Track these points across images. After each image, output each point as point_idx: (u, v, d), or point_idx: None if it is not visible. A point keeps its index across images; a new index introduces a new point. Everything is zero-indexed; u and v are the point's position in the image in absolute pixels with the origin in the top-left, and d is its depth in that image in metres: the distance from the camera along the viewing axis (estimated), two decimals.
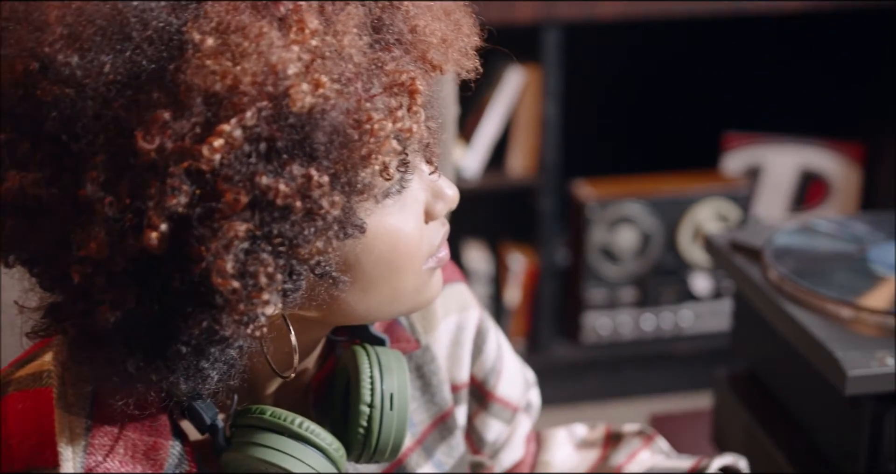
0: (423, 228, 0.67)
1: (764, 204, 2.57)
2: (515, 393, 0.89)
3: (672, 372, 2.49)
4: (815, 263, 1.02)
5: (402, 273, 0.66)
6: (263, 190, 0.55)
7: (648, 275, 2.40)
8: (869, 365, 0.86)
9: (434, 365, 0.81)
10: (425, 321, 0.81)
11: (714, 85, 2.59)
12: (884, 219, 1.14)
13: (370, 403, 0.70)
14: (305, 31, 0.56)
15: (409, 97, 0.61)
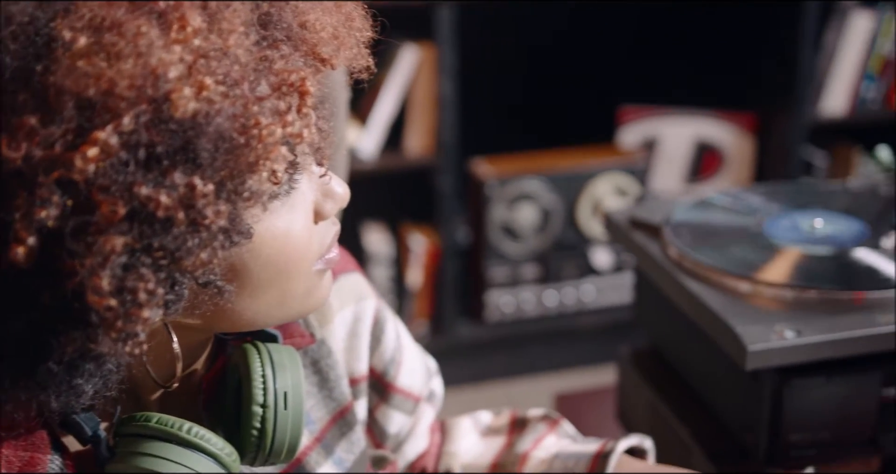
0: (313, 229, 0.64)
1: (660, 176, 2.60)
2: (417, 383, 0.86)
3: (576, 347, 2.50)
4: (713, 238, 1.02)
5: (291, 276, 0.63)
6: (143, 201, 0.52)
7: (549, 251, 2.40)
8: (768, 339, 0.86)
9: (331, 360, 0.78)
10: (320, 314, 0.78)
11: (608, 59, 2.59)
12: (778, 191, 1.14)
13: (263, 403, 0.67)
14: (187, 29, 0.52)
15: (298, 98, 0.57)
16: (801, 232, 1.02)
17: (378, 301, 0.84)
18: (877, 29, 2.44)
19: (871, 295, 0.90)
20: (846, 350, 0.87)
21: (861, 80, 2.48)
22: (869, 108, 2.50)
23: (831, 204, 1.09)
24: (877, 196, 1.13)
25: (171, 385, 0.64)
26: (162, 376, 0.65)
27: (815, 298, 0.91)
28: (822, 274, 0.94)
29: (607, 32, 2.58)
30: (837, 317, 0.88)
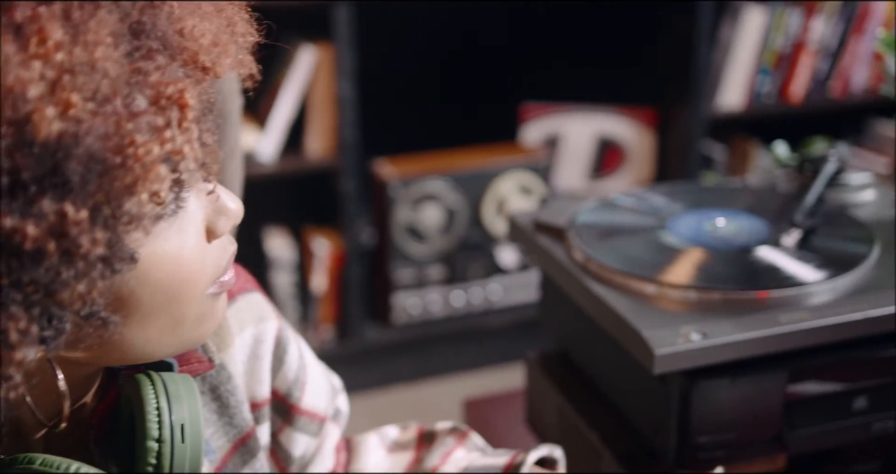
0: (206, 249, 0.60)
1: (564, 173, 2.61)
2: (322, 403, 0.83)
3: (485, 346, 2.49)
4: (618, 239, 1.01)
5: (183, 302, 0.59)
6: (8, 233, 0.47)
7: (455, 252, 2.38)
8: (675, 343, 0.85)
9: (231, 385, 0.74)
10: (218, 338, 0.74)
11: (509, 57, 2.59)
12: (680, 190, 1.14)
13: (158, 438, 0.63)
14: (48, 42, 0.48)
15: (178, 112, 0.53)
16: (704, 232, 1.01)
17: (279, 321, 0.80)
18: (769, 24, 2.48)
19: (774, 294, 0.90)
20: (752, 350, 0.87)
21: (756, 75, 2.52)
22: (764, 101, 2.55)
23: (732, 202, 1.09)
24: (776, 193, 1.13)
25: (59, 426, 0.60)
26: (48, 414, 0.60)
27: (719, 299, 0.91)
28: (725, 274, 0.94)
29: (507, 30, 2.57)
30: (742, 317, 0.88)
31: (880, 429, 0.95)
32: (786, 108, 2.56)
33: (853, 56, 2.58)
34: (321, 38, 2.20)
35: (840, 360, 0.92)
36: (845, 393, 0.93)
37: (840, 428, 0.94)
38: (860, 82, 2.62)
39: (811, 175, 1.15)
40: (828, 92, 2.59)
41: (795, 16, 2.50)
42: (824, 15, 2.51)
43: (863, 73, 2.61)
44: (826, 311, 0.89)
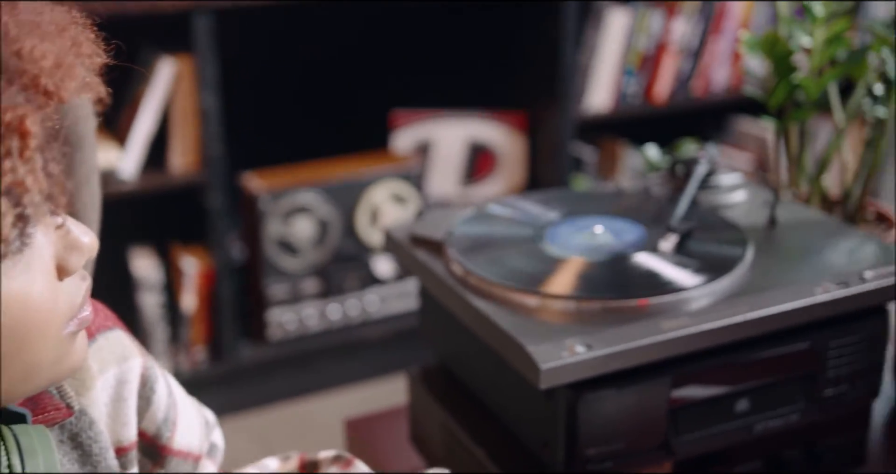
0: (58, 287, 0.55)
1: (436, 180, 2.59)
2: (195, 440, 0.78)
3: (365, 359, 2.45)
4: (497, 251, 0.99)
5: (36, 345, 0.54)
6: None
7: (330, 264, 2.34)
8: (560, 356, 0.83)
9: (93, 431, 0.69)
10: (77, 381, 0.68)
11: (376, 64, 2.56)
12: (556, 197, 1.13)
13: None
14: None
15: (19, 140, 0.49)
16: (582, 239, 1.00)
17: (144, 358, 0.75)
18: (633, 25, 2.52)
19: (654, 300, 0.90)
20: (636, 359, 0.86)
21: (622, 76, 2.55)
22: (631, 102, 2.59)
23: (609, 208, 1.09)
24: (650, 197, 1.13)
25: None
26: None
27: (601, 309, 0.89)
28: (605, 282, 0.93)
29: (373, 37, 2.54)
30: (624, 326, 0.87)
31: (762, 429, 0.96)
32: (651, 107, 2.60)
33: (713, 55, 2.64)
34: (181, 50, 2.12)
35: (721, 364, 0.92)
36: (728, 396, 0.94)
37: (724, 431, 0.94)
38: (721, 81, 2.68)
39: (683, 177, 1.16)
40: (691, 91, 2.65)
41: (657, 17, 2.54)
42: (684, 16, 2.56)
43: (723, 72, 2.67)
44: (706, 316, 0.89)
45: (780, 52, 1.16)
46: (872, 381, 1.01)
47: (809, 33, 1.20)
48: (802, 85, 1.19)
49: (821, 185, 1.26)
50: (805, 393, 0.97)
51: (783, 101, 1.19)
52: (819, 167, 1.26)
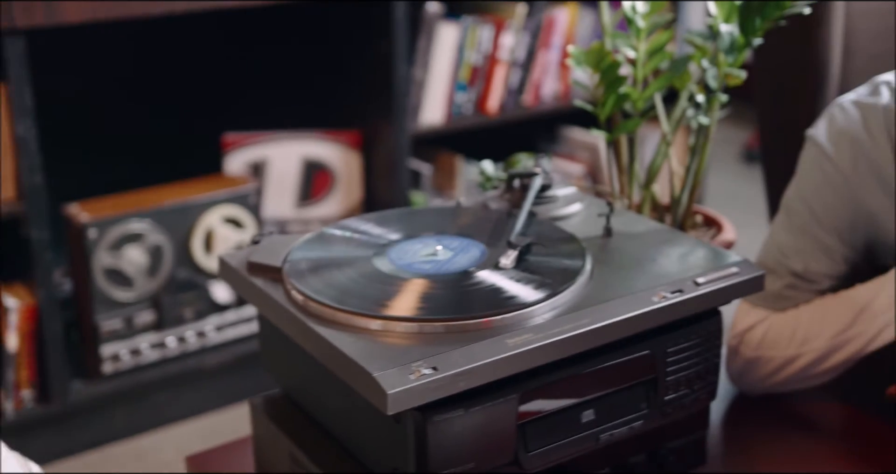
0: None
1: (273, 201, 2.54)
2: None
3: (206, 389, 2.38)
4: (336, 276, 0.96)
5: None
6: None
7: (165, 292, 2.26)
8: (407, 380, 0.81)
9: None
10: None
11: (206, 87, 2.49)
12: (394, 217, 1.11)
13: None
14: None
15: None
16: (423, 259, 0.99)
17: None
18: (462, 39, 2.54)
19: (498, 318, 0.89)
20: (483, 378, 0.85)
21: (454, 90, 2.57)
22: (464, 115, 2.61)
23: (448, 226, 1.08)
24: (488, 212, 1.13)
25: None
26: None
27: (445, 329, 0.88)
28: (448, 302, 0.92)
29: (201, 59, 2.48)
30: (470, 345, 0.86)
31: (608, 438, 0.97)
32: (484, 120, 2.63)
33: (543, 68, 2.69)
34: None
35: (566, 376, 0.92)
36: (574, 408, 0.94)
37: (572, 442, 0.95)
38: (551, 92, 2.74)
39: (520, 192, 1.16)
40: (522, 103, 2.69)
41: (486, 31, 2.57)
42: (513, 30, 2.60)
43: (553, 83, 2.73)
44: (549, 330, 0.89)
45: (607, 64, 1.18)
46: (710, 383, 1.04)
47: (633, 46, 1.23)
48: (629, 96, 1.21)
49: (651, 193, 1.29)
50: (648, 400, 0.99)
51: (611, 112, 1.21)
52: (649, 175, 1.29)
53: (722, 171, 3.79)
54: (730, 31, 1.18)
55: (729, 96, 1.22)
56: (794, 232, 1.24)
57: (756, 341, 1.24)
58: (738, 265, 1.01)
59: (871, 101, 1.21)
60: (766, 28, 1.15)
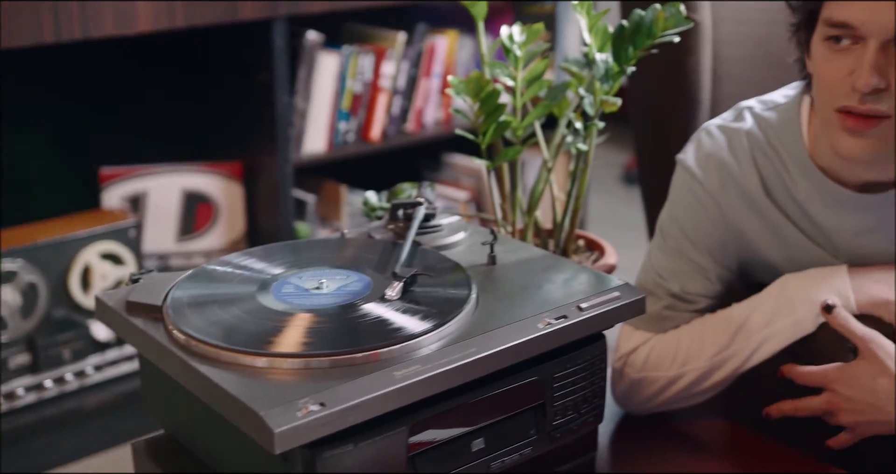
0: None
1: (153, 235, 2.48)
2: None
3: (87, 431, 2.29)
4: (220, 313, 0.95)
5: None
6: None
7: (40, 333, 2.18)
8: (294, 418, 0.80)
9: None
10: None
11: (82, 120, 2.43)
12: (278, 250, 1.10)
13: None
14: None
15: None
16: (308, 293, 0.98)
17: None
18: (343, 68, 2.54)
19: (385, 350, 0.89)
20: (372, 412, 0.84)
21: (336, 118, 2.56)
22: (347, 144, 2.60)
23: (332, 258, 1.07)
24: (373, 244, 1.13)
25: None
26: None
27: (332, 364, 0.87)
28: (335, 336, 0.91)
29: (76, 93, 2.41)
30: (357, 379, 0.85)
31: (499, 467, 0.97)
32: (367, 148, 2.63)
33: (424, 95, 2.71)
34: None
35: (455, 406, 0.92)
36: (464, 437, 0.94)
37: (463, 472, 0.95)
38: (434, 119, 2.76)
39: (404, 222, 1.16)
40: (404, 130, 2.70)
41: (367, 60, 2.57)
42: (393, 58, 2.61)
43: (435, 111, 2.75)
44: (436, 361, 0.89)
45: (486, 93, 1.20)
46: (597, 406, 1.05)
47: (511, 74, 1.25)
48: (509, 124, 1.23)
49: (534, 219, 1.31)
50: (537, 425, 0.99)
51: (492, 140, 1.23)
52: (531, 201, 1.31)
53: (604, 193, 3.87)
54: (604, 59, 1.21)
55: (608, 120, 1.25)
56: (669, 254, 1.27)
57: (640, 363, 1.26)
58: (619, 289, 1.03)
59: (735, 125, 1.25)
60: (639, 56, 1.19)
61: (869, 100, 1.06)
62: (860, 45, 1.06)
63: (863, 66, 1.05)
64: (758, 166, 1.23)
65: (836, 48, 1.09)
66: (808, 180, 1.20)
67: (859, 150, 1.09)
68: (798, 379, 1.16)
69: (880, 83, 1.05)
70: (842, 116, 1.09)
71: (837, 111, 1.09)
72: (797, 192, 1.21)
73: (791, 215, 1.22)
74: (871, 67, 1.05)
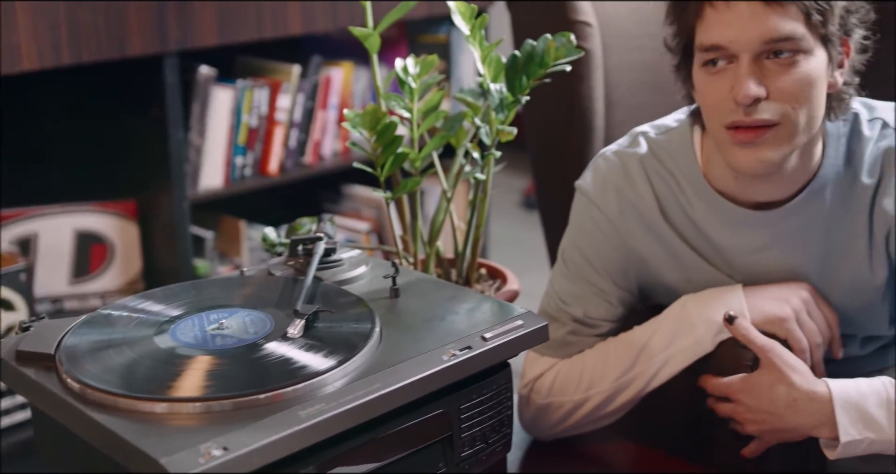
0: None
1: (45, 278, 2.40)
2: None
3: None
4: (116, 359, 0.92)
5: None
6: None
7: None
8: (197, 464, 0.78)
9: None
10: None
11: None
12: (176, 292, 1.07)
13: None
14: None
15: None
16: (208, 335, 0.96)
17: None
18: (238, 102, 2.51)
19: (289, 390, 0.87)
20: (277, 454, 0.83)
21: (232, 153, 2.53)
22: (244, 178, 2.57)
23: (232, 298, 1.05)
24: (273, 281, 1.11)
25: None
26: None
27: (235, 406, 0.86)
28: (237, 378, 0.89)
29: None
30: (261, 421, 0.84)
31: None
32: (266, 181, 2.60)
33: (321, 127, 2.69)
34: None
35: (363, 442, 0.91)
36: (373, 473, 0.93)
37: None
38: (331, 151, 2.74)
39: (304, 257, 1.15)
40: (303, 163, 2.68)
41: (262, 93, 2.55)
42: (289, 91, 2.60)
43: (332, 142, 2.74)
44: (341, 398, 0.88)
45: (382, 126, 1.20)
46: (505, 435, 1.05)
47: (407, 106, 1.25)
48: (407, 156, 1.23)
49: (436, 249, 1.31)
50: (445, 458, 0.99)
51: (391, 172, 1.22)
52: (431, 232, 1.31)
53: (504, 218, 3.91)
54: (499, 89, 1.22)
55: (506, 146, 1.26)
56: (571, 279, 1.28)
57: (546, 389, 1.27)
58: (522, 317, 1.03)
59: (631, 151, 1.28)
60: (532, 86, 1.20)
61: (753, 110, 1.10)
62: (734, 63, 1.11)
63: (739, 80, 1.09)
64: (654, 190, 1.25)
65: (714, 71, 1.13)
66: (704, 201, 1.23)
67: (756, 163, 1.13)
68: (710, 390, 1.19)
69: (759, 92, 1.09)
70: (732, 132, 1.12)
71: (727, 128, 1.13)
72: (694, 213, 1.24)
73: (688, 237, 1.25)
74: (746, 78, 1.09)
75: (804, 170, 1.18)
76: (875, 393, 1.11)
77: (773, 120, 1.11)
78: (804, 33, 1.09)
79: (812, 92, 1.11)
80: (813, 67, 1.11)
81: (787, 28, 1.08)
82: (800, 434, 1.14)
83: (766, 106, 1.10)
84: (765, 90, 1.10)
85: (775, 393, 1.13)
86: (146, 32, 2.19)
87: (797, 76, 1.10)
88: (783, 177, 1.18)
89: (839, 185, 1.20)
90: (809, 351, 1.19)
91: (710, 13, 1.11)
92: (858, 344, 1.31)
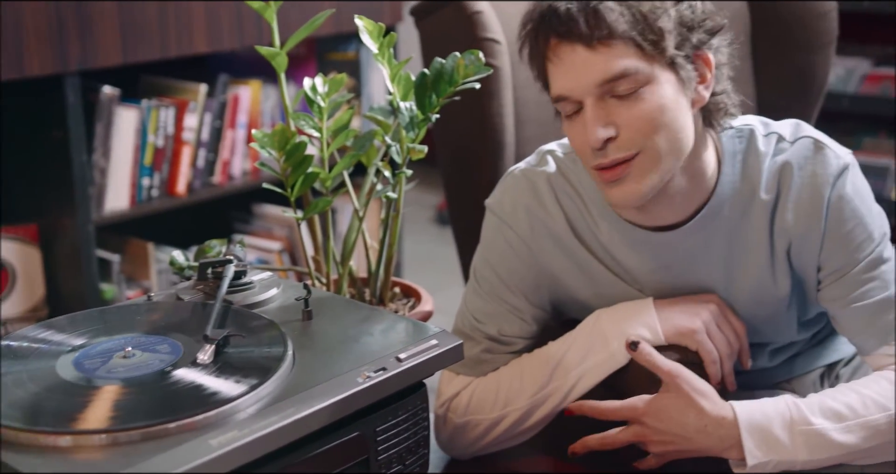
0: None
1: None
2: None
3: None
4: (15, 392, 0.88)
5: None
6: None
7: None
8: None
9: None
10: None
11: None
12: (81, 320, 1.04)
13: None
14: None
15: None
16: (114, 364, 0.93)
17: None
18: (144, 123, 2.46)
19: (200, 418, 0.85)
20: None
21: (138, 174, 2.48)
22: (151, 199, 2.52)
23: (139, 324, 1.02)
24: (182, 306, 1.08)
25: None
26: None
27: (144, 436, 0.83)
28: (144, 407, 0.87)
29: None
30: (171, 450, 0.81)
31: None
32: (174, 202, 2.55)
33: (230, 146, 2.66)
34: None
35: (278, 469, 0.89)
36: None
37: None
38: (240, 170, 2.71)
39: (214, 281, 1.13)
40: (212, 182, 2.64)
41: (168, 113, 2.50)
42: (196, 110, 2.55)
43: (241, 162, 2.70)
44: (254, 425, 0.86)
45: (292, 145, 1.18)
46: (422, 456, 1.04)
47: (316, 126, 1.24)
48: (317, 175, 1.22)
49: (349, 269, 1.29)
50: None
51: (301, 192, 1.21)
52: (344, 252, 1.29)
53: (417, 234, 3.90)
54: (409, 107, 1.21)
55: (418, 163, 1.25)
56: (484, 297, 1.28)
57: (462, 407, 1.26)
58: (437, 337, 1.03)
59: (539, 169, 1.28)
60: (442, 103, 1.20)
61: (609, 151, 1.12)
62: (583, 109, 1.12)
63: (586, 127, 1.11)
64: (563, 208, 1.26)
65: (569, 119, 1.15)
66: (607, 222, 1.24)
67: (628, 196, 1.14)
68: (603, 415, 1.19)
69: (607, 133, 1.11)
70: (599, 173, 1.14)
71: (594, 169, 1.14)
72: (599, 233, 1.25)
73: (597, 254, 1.26)
74: (593, 124, 1.11)
75: (699, 189, 1.20)
76: (779, 415, 1.13)
77: (629, 154, 1.12)
78: (638, 66, 1.10)
79: (665, 117, 1.12)
80: (661, 95, 1.11)
81: (619, 66, 1.09)
82: (707, 455, 1.15)
83: (619, 144, 1.12)
84: (614, 130, 1.11)
85: (686, 417, 1.14)
86: (45, 52, 2.13)
87: (644, 108, 1.11)
88: (675, 200, 1.19)
89: (738, 202, 1.22)
90: (720, 361, 1.21)
91: (549, 67, 1.14)
92: (767, 356, 1.33)
